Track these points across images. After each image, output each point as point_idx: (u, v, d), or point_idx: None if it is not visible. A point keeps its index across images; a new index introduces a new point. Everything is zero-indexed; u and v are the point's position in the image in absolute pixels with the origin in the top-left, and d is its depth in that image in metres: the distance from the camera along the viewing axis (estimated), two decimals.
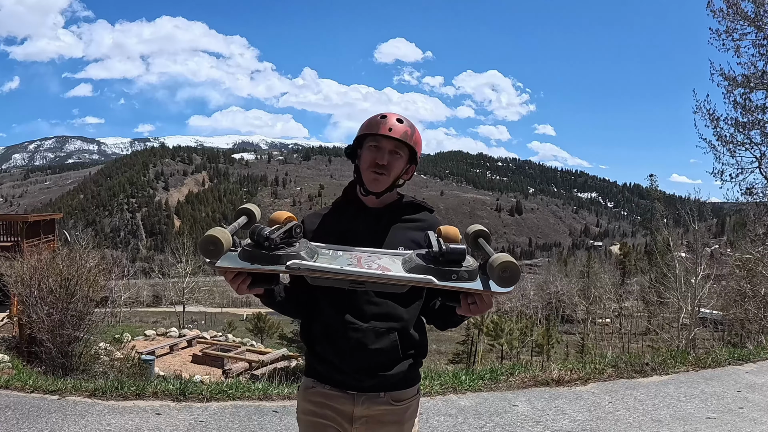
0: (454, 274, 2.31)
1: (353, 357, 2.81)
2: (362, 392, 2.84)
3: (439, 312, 2.91)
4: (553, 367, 9.09)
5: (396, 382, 2.86)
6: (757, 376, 8.76)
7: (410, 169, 2.92)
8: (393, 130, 2.73)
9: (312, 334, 2.98)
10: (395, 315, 2.82)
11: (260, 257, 2.35)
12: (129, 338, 33.48)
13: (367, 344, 2.79)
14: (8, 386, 8.18)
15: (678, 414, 7.03)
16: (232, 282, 2.47)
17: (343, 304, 2.81)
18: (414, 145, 2.82)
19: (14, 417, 6.77)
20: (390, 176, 2.82)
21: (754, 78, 17.68)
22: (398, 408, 2.88)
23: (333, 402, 2.89)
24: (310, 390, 2.98)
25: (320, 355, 2.93)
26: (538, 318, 74.85)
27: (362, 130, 2.85)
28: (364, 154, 2.84)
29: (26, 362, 18.60)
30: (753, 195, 18.81)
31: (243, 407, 7.24)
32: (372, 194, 2.86)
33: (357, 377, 2.83)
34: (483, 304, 2.43)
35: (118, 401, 7.46)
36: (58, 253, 22.38)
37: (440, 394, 7.76)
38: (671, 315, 37.27)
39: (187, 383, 8.18)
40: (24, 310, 20.05)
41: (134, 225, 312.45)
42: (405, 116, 2.78)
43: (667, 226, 41.09)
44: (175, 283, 66.26)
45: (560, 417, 6.94)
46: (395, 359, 2.84)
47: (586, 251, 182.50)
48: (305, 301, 2.96)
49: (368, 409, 2.85)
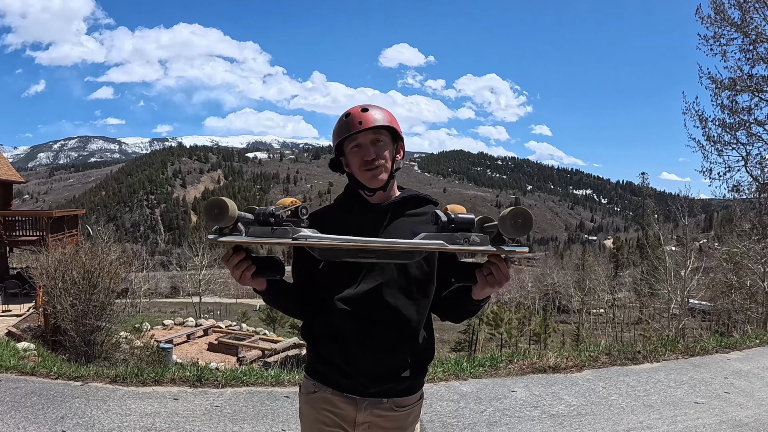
0: (465, 239, 2.18)
1: (360, 360, 2.67)
2: (366, 397, 2.72)
3: (452, 301, 2.72)
4: (549, 354, 9.08)
5: (401, 390, 2.73)
6: (743, 363, 8.74)
7: (399, 146, 2.75)
8: (363, 122, 2.56)
9: (315, 333, 2.82)
10: (406, 317, 2.65)
11: (265, 233, 2.23)
12: (148, 327, 33.47)
13: (374, 347, 2.65)
14: (34, 373, 8.20)
15: (668, 399, 7.01)
16: (235, 268, 2.34)
17: (351, 303, 2.66)
18: (389, 124, 2.63)
19: (40, 402, 6.78)
20: (385, 166, 2.65)
21: (740, 81, 17.80)
22: (401, 414, 2.76)
23: (335, 407, 2.76)
24: (312, 395, 2.83)
25: (324, 357, 2.78)
26: (535, 308, 74.71)
27: (335, 138, 2.69)
28: (350, 159, 2.69)
29: (51, 350, 18.66)
30: (739, 192, 18.85)
31: (256, 393, 7.23)
32: (377, 190, 2.68)
33: (362, 382, 2.69)
34: (500, 274, 2.27)
35: (138, 387, 7.47)
36: (81, 247, 22.45)
37: (443, 380, 7.75)
38: (662, 305, 37.40)
39: (203, 370, 8.17)
40: (49, 300, 20.10)
41: (153, 220, 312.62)
42: (368, 103, 2.66)
43: (657, 222, 40.97)
44: (192, 275, 66.55)
45: (557, 402, 6.93)
46: (402, 365, 2.69)
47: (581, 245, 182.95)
48: (309, 301, 2.79)
49: (371, 414, 2.73)
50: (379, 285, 2.63)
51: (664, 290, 35.51)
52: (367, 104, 2.62)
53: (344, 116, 2.63)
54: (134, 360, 19.50)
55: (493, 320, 54.71)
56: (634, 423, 6.25)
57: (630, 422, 6.27)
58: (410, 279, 2.63)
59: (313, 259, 2.46)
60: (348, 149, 2.67)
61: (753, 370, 8.32)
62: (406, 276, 2.62)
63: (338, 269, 2.56)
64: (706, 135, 18.61)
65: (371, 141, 2.63)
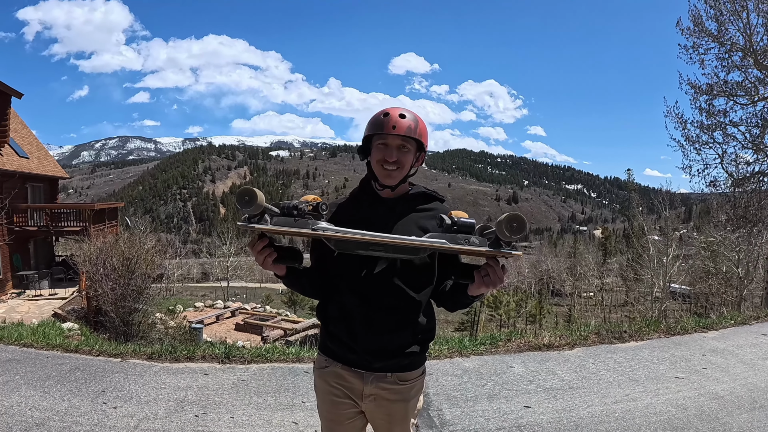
0: (465, 240, 2.26)
1: (365, 339, 2.74)
2: (371, 372, 2.77)
3: (449, 294, 2.76)
4: (544, 334, 9.09)
5: (404, 365, 2.78)
6: (719, 341, 8.72)
7: (420, 157, 2.75)
8: (397, 127, 2.56)
9: (328, 313, 2.88)
10: (408, 303, 2.70)
11: (288, 223, 2.31)
12: (181, 309, 33.50)
13: (378, 328, 2.71)
14: (78, 350, 8.23)
15: (651, 374, 7.00)
16: (259, 254, 2.44)
17: (360, 289, 2.71)
18: (419, 137, 2.63)
19: (83, 376, 6.81)
20: (401, 170, 2.66)
21: (717, 86, 18.01)
22: (404, 387, 2.79)
23: (345, 380, 2.83)
24: (324, 370, 2.90)
25: (334, 334, 2.85)
26: (531, 292, 74.68)
27: (368, 130, 2.67)
28: (374, 152, 2.68)
29: (93, 330, 18.71)
30: (716, 187, 18.98)
31: (279, 368, 7.24)
32: (387, 188, 2.72)
33: (367, 358, 2.76)
34: (496, 276, 2.34)
35: (172, 363, 7.49)
36: (120, 237, 22.49)
37: (448, 357, 7.76)
38: (646, 289, 37.35)
39: (231, 348, 8.19)
40: (91, 285, 20.15)
41: (185, 212, 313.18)
42: (407, 109, 2.65)
43: (642, 214, 40.90)
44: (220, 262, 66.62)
45: (550, 377, 6.92)
46: (404, 344, 2.75)
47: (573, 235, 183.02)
48: (324, 284, 2.86)
49: (376, 387, 2.77)
50: (385, 274, 2.66)
51: (648, 276, 35.63)
52: (406, 111, 2.64)
53: (383, 114, 2.63)
54: (168, 339, 19.52)
55: (493, 303, 54.86)
56: (621, 396, 6.25)
57: (617, 395, 6.27)
58: (414, 270, 2.66)
59: (329, 248, 2.49)
60: (375, 143, 2.68)
61: (728, 348, 8.30)
62: (410, 267, 2.64)
63: (350, 258, 2.58)
64: (686, 135, 18.83)
65: (397, 146, 2.64)
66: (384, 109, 2.69)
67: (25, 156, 29.90)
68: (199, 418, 5.58)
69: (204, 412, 5.73)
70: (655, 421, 5.53)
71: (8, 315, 20.26)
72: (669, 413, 5.75)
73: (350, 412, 2.89)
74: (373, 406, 2.83)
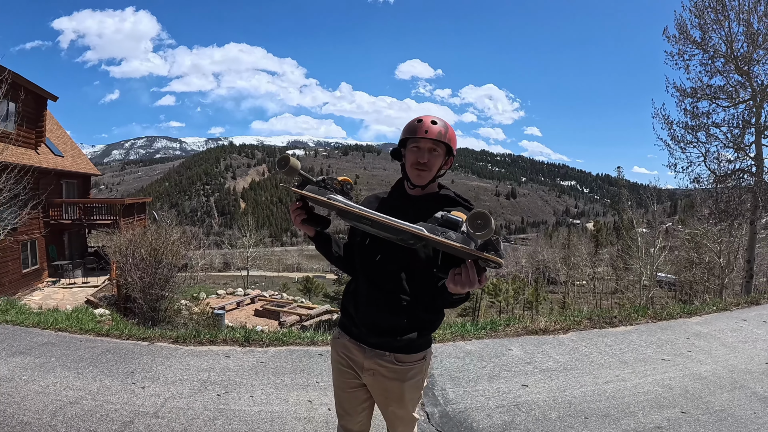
0: (442, 233, 2.20)
1: (363, 313, 2.86)
2: (371, 348, 2.86)
3: (439, 291, 2.70)
4: (540, 319, 9.07)
5: (401, 347, 2.81)
6: (702, 326, 8.70)
7: (449, 160, 2.84)
8: (429, 132, 2.67)
9: (347, 290, 3.05)
10: (406, 289, 2.76)
11: (312, 191, 2.63)
12: (204, 296, 33.62)
13: (376, 307, 2.80)
14: (108, 334, 8.24)
15: (640, 356, 6.99)
16: (293, 212, 2.75)
17: (369, 273, 2.83)
18: (449, 141, 2.73)
19: (114, 359, 6.82)
20: (431, 171, 2.76)
21: (701, 90, 18.04)
22: (401, 368, 2.83)
23: (349, 351, 2.95)
24: (336, 340, 3.06)
25: (345, 308, 3.01)
26: (528, 280, 74.77)
27: (404, 134, 2.79)
28: (408, 154, 2.78)
29: (123, 315, 18.81)
30: (699, 183, 18.96)
31: (295, 351, 7.24)
32: (417, 187, 2.81)
33: (365, 332, 2.86)
34: (467, 277, 2.20)
35: (196, 346, 7.51)
36: (148, 229, 22.58)
37: (451, 340, 7.75)
38: (634, 278, 37.42)
39: (250, 332, 8.19)
40: (121, 274, 20.29)
41: (208, 207, 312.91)
42: (438, 117, 2.72)
43: (631, 208, 41.08)
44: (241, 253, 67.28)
45: (546, 359, 6.91)
46: (398, 327, 2.79)
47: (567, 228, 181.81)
48: (347, 263, 3.02)
49: (374, 362, 2.85)
50: (391, 262, 2.75)
51: (637, 265, 35.55)
52: (437, 118, 2.73)
53: (417, 121, 2.75)
54: (192, 324, 19.62)
55: (493, 290, 55.28)
56: (611, 376, 6.24)
57: (608, 376, 6.26)
58: (416, 261, 2.70)
59: (357, 234, 2.86)
60: (409, 146, 2.79)
61: (711, 332, 8.29)
62: (414, 258, 2.69)
63: (368, 246, 2.81)
64: (672, 135, 18.82)
65: (429, 149, 2.74)
66: (418, 116, 2.79)
67: (60, 155, 29.97)
68: (221, 397, 5.60)
69: (225, 391, 5.74)
70: (643, 400, 5.53)
71: (44, 302, 20.37)
72: (656, 392, 5.74)
73: (353, 381, 3.01)
74: (372, 380, 2.91)
